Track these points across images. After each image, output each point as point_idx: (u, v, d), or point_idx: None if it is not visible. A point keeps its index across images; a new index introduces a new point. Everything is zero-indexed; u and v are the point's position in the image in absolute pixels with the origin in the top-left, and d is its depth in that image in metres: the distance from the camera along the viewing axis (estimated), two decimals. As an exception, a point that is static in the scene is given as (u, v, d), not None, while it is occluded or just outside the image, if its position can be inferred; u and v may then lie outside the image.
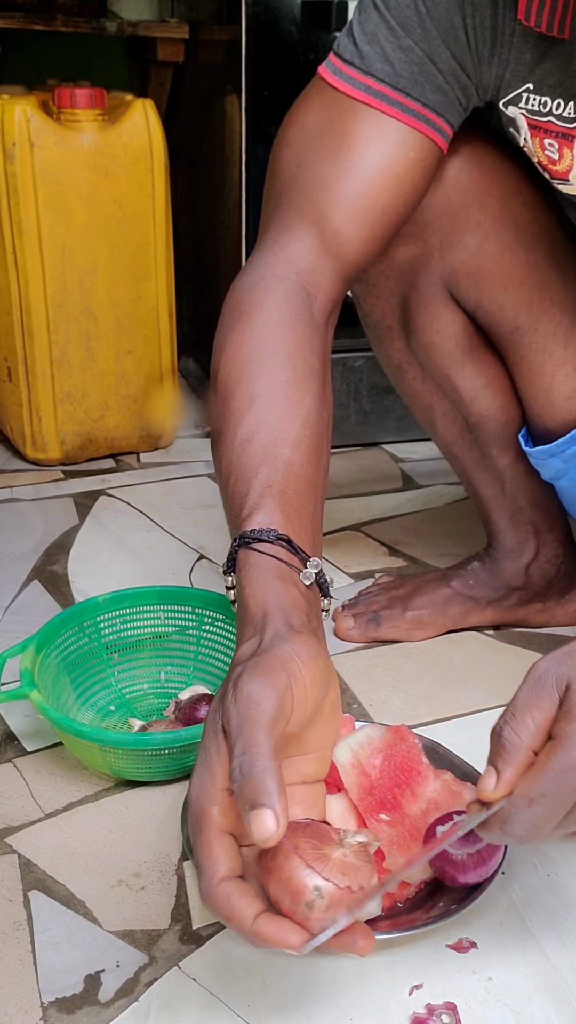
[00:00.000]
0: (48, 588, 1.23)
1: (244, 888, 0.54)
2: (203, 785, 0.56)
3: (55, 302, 1.49)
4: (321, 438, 0.76)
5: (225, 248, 1.65)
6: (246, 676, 0.57)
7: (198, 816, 0.56)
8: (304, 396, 0.75)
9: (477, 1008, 0.70)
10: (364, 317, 1.06)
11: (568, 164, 0.85)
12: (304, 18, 1.43)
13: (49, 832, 0.85)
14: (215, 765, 0.56)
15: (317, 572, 0.68)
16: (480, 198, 0.93)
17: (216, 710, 0.58)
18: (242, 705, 0.55)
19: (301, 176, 0.84)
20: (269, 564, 0.65)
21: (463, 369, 1.01)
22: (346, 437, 1.68)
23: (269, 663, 0.57)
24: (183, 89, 1.81)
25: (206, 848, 0.55)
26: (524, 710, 0.60)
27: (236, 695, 0.56)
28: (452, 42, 0.82)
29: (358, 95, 0.83)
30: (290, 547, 0.67)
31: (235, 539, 0.68)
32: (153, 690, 1.02)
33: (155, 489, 1.52)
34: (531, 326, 0.96)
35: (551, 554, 1.11)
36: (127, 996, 0.70)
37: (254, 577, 0.65)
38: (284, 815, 0.52)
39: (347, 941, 0.55)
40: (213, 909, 0.54)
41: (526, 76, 0.83)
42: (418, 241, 0.95)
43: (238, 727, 0.55)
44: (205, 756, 0.57)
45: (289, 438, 0.72)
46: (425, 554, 1.33)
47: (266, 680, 0.56)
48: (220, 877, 0.54)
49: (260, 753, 0.53)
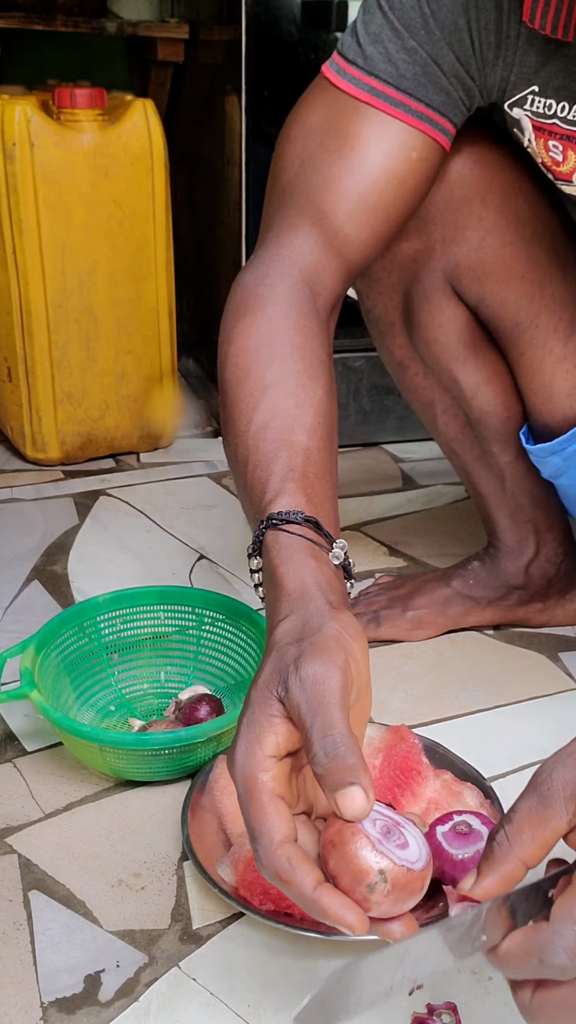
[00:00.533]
0: (48, 588, 1.23)
1: (304, 854, 0.53)
2: (250, 751, 0.55)
3: (55, 302, 1.49)
4: (332, 427, 0.76)
5: (225, 248, 1.65)
6: (308, 657, 0.56)
7: (248, 781, 0.54)
8: (315, 385, 0.75)
9: (477, 1008, 0.69)
10: (367, 313, 1.06)
11: (572, 166, 0.85)
12: (304, 18, 1.43)
13: (49, 832, 0.85)
14: (266, 734, 0.55)
15: (344, 553, 0.68)
16: (482, 194, 0.93)
17: (269, 684, 0.56)
18: (310, 687, 0.54)
19: (304, 175, 0.84)
20: (301, 544, 0.65)
21: (464, 365, 1.01)
22: (346, 437, 1.68)
23: (326, 643, 0.57)
24: (183, 89, 1.81)
25: (260, 812, 0.53)
26: (523, 820, 0.55)
27: (301, 677, 0.55)
28: (456, 44, 0.82)
29: (361, 95, 0.83)
30: (318, 529, 0.66)
31: (261, 522, 0.67)
32: (153, 690, 1.01)
33: (155, 489, 1.52)
34: (532, 322, 0.96)
35: (551, 553, 1.11)
36: (127, 996, 0.70)
37: (287, 556, 0.64)
38: (371, 791, 0.52)
39: (386, 927, 0.54)
40: (273, 872, 0.53)
41: (531, 78, 0.83)
42: (420, 236, 0.95)
43: (311, 710, 0.54)
44: (254, 726, 0.55)
45: (305, 425, 0.72)
46: (425, 554, 1.33)
47: (329, 659, 0.55)
48: (280, 839, 0.53)
49: (340, 732, 0.53)
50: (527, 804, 0.55)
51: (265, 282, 0.81)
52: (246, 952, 0.74)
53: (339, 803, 0.52)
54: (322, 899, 0.52)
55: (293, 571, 0.63)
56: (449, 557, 1.27)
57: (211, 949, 0.74)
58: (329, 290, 0.84)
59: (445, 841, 0.75)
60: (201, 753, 0.87)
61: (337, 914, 0.52)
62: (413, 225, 0.94)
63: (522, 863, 0.54)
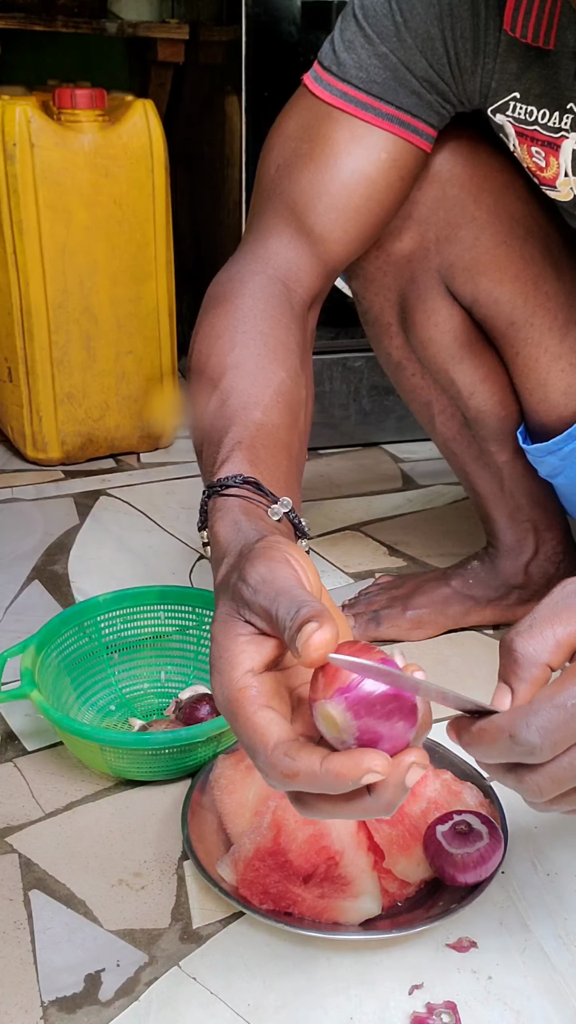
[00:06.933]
0: (48, 588, 1.23)
1: (302, 743, 0.49)
2: (226, 676, 0.51)
3: (55, 302, 1.49)
4: (295, 407, 0.75)
5: (225, 248, 1.65)
6: (249, 566, 0.53)
7: (230, 703, 0.51)
8: (276, 368, 0.75)
9: (477, 1008, 0.70)
10: (363, 314, 1.06)
11: (554, 171, 0.86)
12: (304, 18, 1.43)
13: (49, 831, 0.85)
14: (237, 655, 0.51)
15: (288, 511, 0.65)
16: (475, 192, 0.94)
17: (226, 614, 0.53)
18: (263, 587, 0.51)
19: (279, 180, 0.87)
20: (235, 503, 0.63)
21: (461, 364, 1.01)
22: (346, 437, 1.68)
23: (262, 551, 0.54)
24: (183, 89, 1.81)
25: (248, 723, 0.50)
26: (543, 623, 0.54)
27: (252, 585, 0.52)
28: (429, 52, 0.84)
29: (335, 101, 0.85)
30: (257, 488, 0.65)
31: (204, 491, 0.66)
32: (153, 690, 1.02)
33: (155, 489, 1.52)
34: (527, 320, 0.97)
35: (550, 552, 1.11)
36: (127, 995, 0.70)
37: (220, 517, 0.63)
38: (334, 626, 0.48)
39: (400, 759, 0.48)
40: (278, 774, 0.49)
41: (512, 85, 0.84)
42: (415, 236, 0.96)
43: (272, 600, 0.50)
44: (224, 652, 0.52)
45: (260, 402, 0.72)
46: (425, 554, 1.33)
47: (271, 559, 0.53)
48: (275, 742, 0.49)
49: (302, 598, 0.50)
50: (547, 612, 0.54)
51: (237, 278, 0.83)
52: (246, 951, 0.74)
53: (300, 642, 0.47)
54: (333, 767, 0.47)
55: (224, 528, 0.62)
56: (449, 557, 1.28)
57: (211, 948, 0.74)
58: (305, 287, 0.85)
59: (445, 840, 0.75)
60: (201, 753, 0.87)
61: (355, 768, 0.47)
62: (407, 225, 0.95)
63: (548, 667, 0.54)
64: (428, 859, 0.76)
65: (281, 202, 0.86)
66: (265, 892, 0.73)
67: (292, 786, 0.49)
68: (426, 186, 0.93)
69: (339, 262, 0.89)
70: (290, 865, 0.74)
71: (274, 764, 0.49)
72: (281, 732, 0.49)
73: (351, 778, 0.47)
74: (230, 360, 0.75)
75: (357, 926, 0.74)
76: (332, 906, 0.73)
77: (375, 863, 0.76)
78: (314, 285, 0.86)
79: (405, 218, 0.94)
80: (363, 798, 0.49)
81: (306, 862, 0.75)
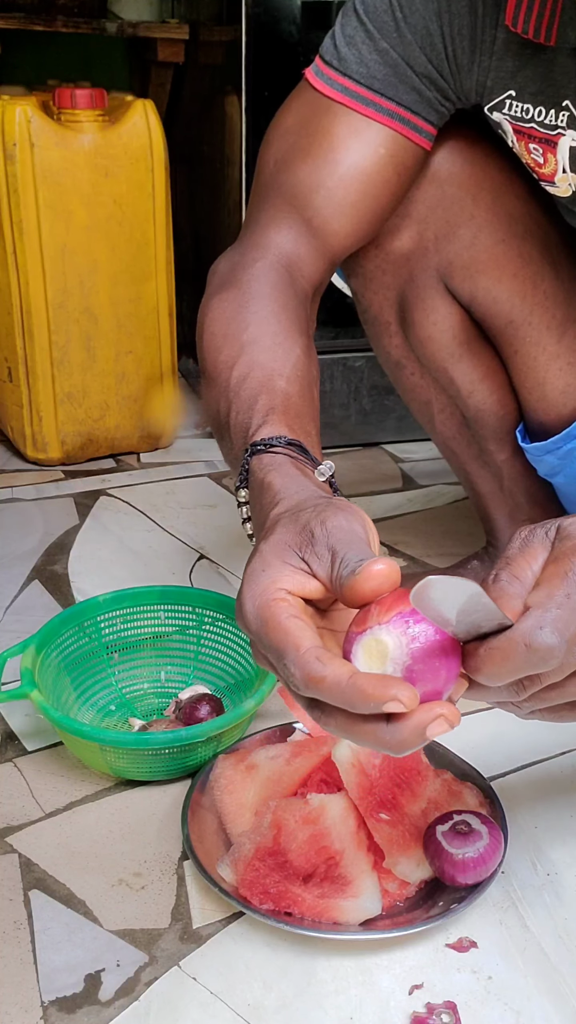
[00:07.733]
0: (48, 588, 1.23)
1: (335, 653, 0.49)
2: (261, 587, 0.51)
3: (55, 302, 1.49)
4: (311, 383, 0.76)
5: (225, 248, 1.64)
6: (331, 512, 0.53)
7: (261, 608, 0.51)
8: (292, 345, 0.76)
9: (477, 1008, 0.70)
10: (363, 313, 1.06)
11: (553, 168, 0.87)
12: (304, 18, 1.43)
13: (49, 832, 0.85)
14: (281, 574, 0.52)
15: (332, 474, 0.66)
16: (473, 191, 0.94)
17: (286, 540, 0.53)
18: (338, 533, 0.52)
19: (278, 173, 0.87)
20: (286, 460, 0.64)
21: (460, 363, 1.01)
22: (346, 437, 1.68)
23: (344, 506, 0.55)
24: (183, 89, 1.81)
25: (280, 627, 0.50)
26: (518, 558, 0.54)
27: (328, 528, 0.52)
28: (428, 48, 0.84)
29: (335, 95, 0.86)
30: (303, 451, 0.66)
31: (246, 450, 0.66)
32: (153, 690, 1.02)
33: (155, 489, 1.52)
34: (525, 319, 0.97)
35: (551, 552, 1.11)
36: (127, 995, 0.70)
37: (273, 468, 0.63)
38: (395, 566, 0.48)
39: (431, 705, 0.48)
40: (302, 677, 0.48)
41: (508, 83, 0.84)
42: (413, 235, 0.96)
43: (344, 545, 0.51)
44: (267, 567, 0.52)
45: (283, 374, 0.73)
46: (425, 554, 1.33)
47: (352, 515, 0.54)
48: (308, 647, 0.49)
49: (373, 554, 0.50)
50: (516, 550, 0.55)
51: (240, 264, 0.83)
52: (246, 951, 0.74)
53: (361, 575, 0.48)
54: (360, 680, 0.47)
55: (281, 477, 0.62)
56: (449, 557, 1.27)
57: (211, 948, 0.74)
58: (307, 276, 0.85)
59: (445, 840, 0.75)
60: (201, 753, 0.87)
61: (382, 691, 0.46)
62: (406, 224, 0.95)
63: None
64: (428, 859, 0.76)
65: (279, 195, 0.86)
66: (265, 892, 0.73)
67: (314, 692, 0.49)
68: (425, 185, 0.93)
69: (338, 254, 0.89)
70: (290, 865, 0.74)
71: (303, 665, 0.48)
72: (315, 640, 0.49)
73: (374, 700, 0.46)
74: (247, 337, 0.75)
75: (357, 926, 0.74)
76: (332, 906, 0.74)
77: (375, 863, 0.76)
78: (315, 274, 0.86)
79: (404, 217, 0.94)
80: (379, 725, 0.48)
81: (306, 862, 0.75)
